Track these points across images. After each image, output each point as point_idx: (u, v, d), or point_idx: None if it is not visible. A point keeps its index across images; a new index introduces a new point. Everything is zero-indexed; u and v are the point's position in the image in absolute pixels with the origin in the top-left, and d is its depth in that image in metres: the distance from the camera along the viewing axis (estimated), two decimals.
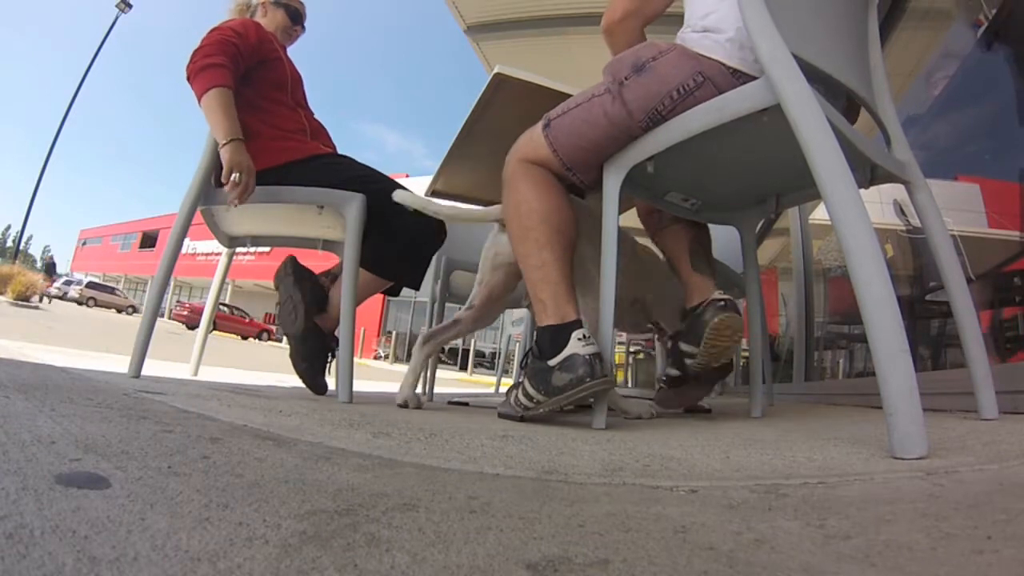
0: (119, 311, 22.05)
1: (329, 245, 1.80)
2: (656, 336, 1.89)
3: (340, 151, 1.77)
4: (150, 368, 1.57)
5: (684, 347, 1.21)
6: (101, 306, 21.62)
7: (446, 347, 2.60)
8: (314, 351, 1.52)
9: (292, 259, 1.61)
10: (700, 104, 0.96)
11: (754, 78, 0.95)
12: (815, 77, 0.86)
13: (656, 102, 1.01)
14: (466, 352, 16.18)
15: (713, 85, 0.98)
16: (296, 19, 1.79)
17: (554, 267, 1.05)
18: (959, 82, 1.92)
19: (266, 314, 24.18)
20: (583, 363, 0.94)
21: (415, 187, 1.73)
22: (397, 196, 1.37)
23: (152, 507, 0.35)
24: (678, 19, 1.12)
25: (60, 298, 14.58)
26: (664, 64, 1.02)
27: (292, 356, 1.53)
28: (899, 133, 1.04)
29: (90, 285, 23.69)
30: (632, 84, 1.02)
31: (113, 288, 26.40)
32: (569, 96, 1.21)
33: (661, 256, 1.43)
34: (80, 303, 20.03)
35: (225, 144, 1.36)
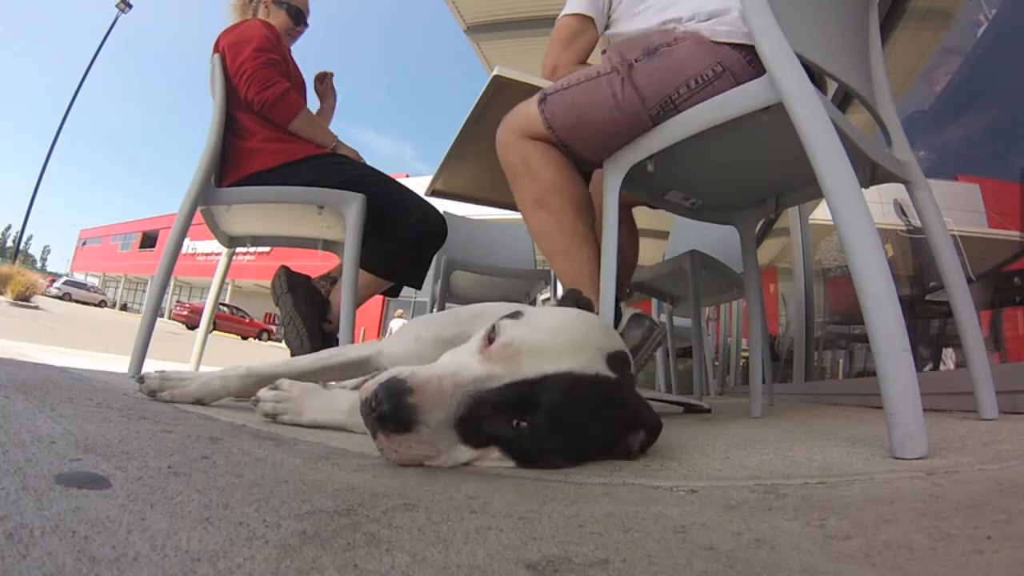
0: (93, 304, 24.84)
1: (329, 245, 1.80)
2: None
3: None
4: (150, 368, 1.57)
5: None
6: (77, 301, 23.89)
7: None
8: None
9: (285, 270, 1.61)
10: (716, 96, 0.93)
11: None
12: None
13: (671, 90, 0.97)
14: None
15: (731, 75, 0.96)
16: (298, 19, 1.79)
17: (582, 250, 1.06)
18: (959, 82, 1.92)
19: (266, 314, 24.18)
20: (647, 319, 1.04)
21: (413, 187, 1.74)
22: None
23: (152, 507, 0.35)
24: None
25: (43, 294, 16.05)
26: (680, 51, 0.98)
27: (293, 357, 1.53)
28: (899, 132, 1.04)
29: (67, 283, 26.97)
30: (643, 67, 0.98)
31: (86, 285, 29.39)
32: None
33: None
34: (60, 298, 22.72)
35: (335, 144, 1.67)
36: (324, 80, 1.94)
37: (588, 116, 1.03)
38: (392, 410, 0.51)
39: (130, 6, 22.06)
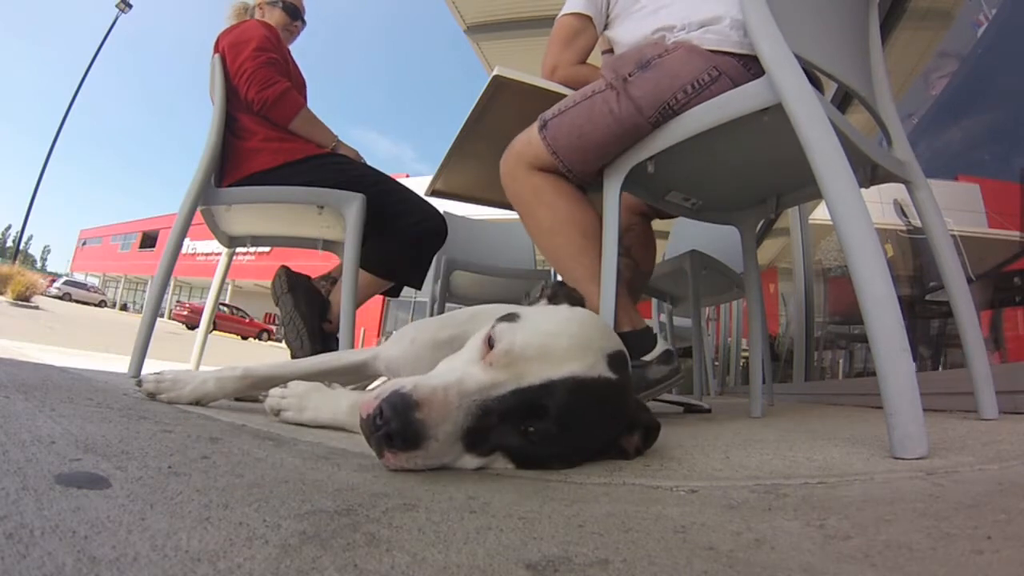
0: (93, 304, 25.03)
1: (329, 245, 1.80)
2: None
3: None
4: (150, 368, 1.57)
5: None
6: (77, 301, 24.05)
7: None
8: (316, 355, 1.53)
9: (285, 270, 1.61)
10: (714, 98, 0.94)
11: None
12: None
13: (668, 96, 0.98)
14: None
15: (729, 79, 0.97)
16: (294, 15, 1.79)
17: (599, 272, 1.06)
18: (959, 82, 1.93)
19: (266, 314, 24.19)
20: (675, 357, 1.05)
21: (413, 187, 1.74)
22: None
23: (152, 507, 0.35)
24: None
25: (43, 294, 16.10)
26: (673, 60, 1.00)
27: (293, 357, 1.53)
28: (899, 132, 1.04)
29: (67, 283, 27.12)
30: (638, 80, 1.00)
31: (86, 285, 29.54)
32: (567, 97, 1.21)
33: None
34: (60, 298, 22.99)
35: (335, 144, 1.69)
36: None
37: (589, 135, 1.05)
38: (400, 428, 0.49)
39: (130, 6, 22.06)
